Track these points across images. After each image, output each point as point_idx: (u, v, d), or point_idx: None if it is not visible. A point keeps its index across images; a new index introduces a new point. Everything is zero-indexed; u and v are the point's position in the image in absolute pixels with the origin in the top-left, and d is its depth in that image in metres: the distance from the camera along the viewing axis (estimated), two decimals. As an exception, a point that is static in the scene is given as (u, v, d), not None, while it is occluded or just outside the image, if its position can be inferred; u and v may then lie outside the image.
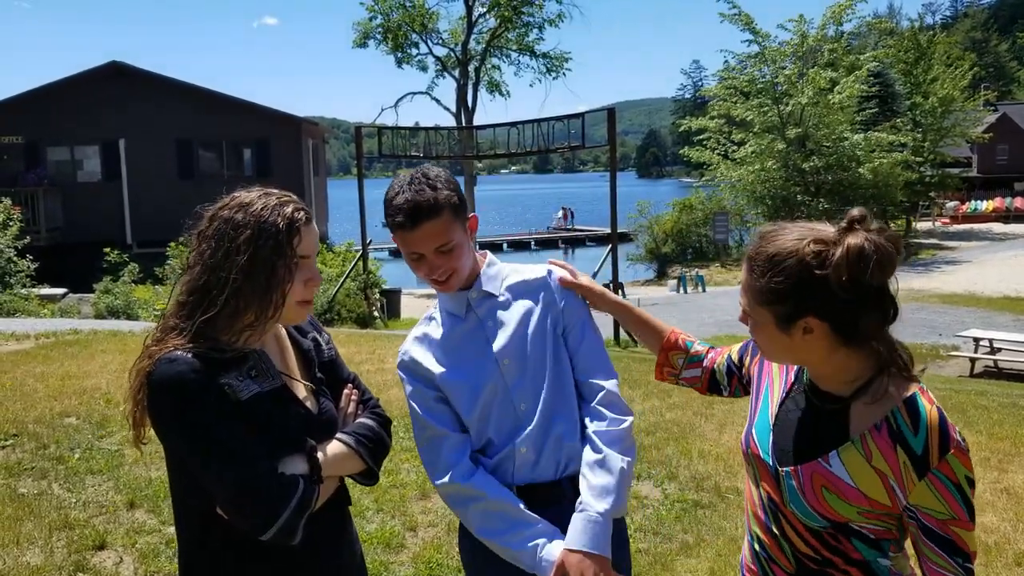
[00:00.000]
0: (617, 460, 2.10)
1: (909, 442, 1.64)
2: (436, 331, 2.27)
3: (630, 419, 2.19)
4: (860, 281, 1.62)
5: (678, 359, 2.32)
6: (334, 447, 1.94)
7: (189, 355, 1.75)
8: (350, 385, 2.12)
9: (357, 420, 2.05)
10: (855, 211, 1.69)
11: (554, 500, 2.13)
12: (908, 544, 1.76)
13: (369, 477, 2.04)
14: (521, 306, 2.25)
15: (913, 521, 1.66)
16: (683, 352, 2.32)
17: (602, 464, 2.09)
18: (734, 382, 2.21)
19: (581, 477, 2.11)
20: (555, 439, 2.15)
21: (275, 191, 1.92)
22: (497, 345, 2.19)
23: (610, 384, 2.21)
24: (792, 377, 1.90)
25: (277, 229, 1.81)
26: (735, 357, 2.20)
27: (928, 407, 1.65)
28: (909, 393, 1.68)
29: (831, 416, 1.76)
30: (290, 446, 1.85)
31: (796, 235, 1.71)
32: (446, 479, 2.14)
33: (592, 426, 2.16)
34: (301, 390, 1.97)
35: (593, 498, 2.05)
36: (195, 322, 1.79)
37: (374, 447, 2.02)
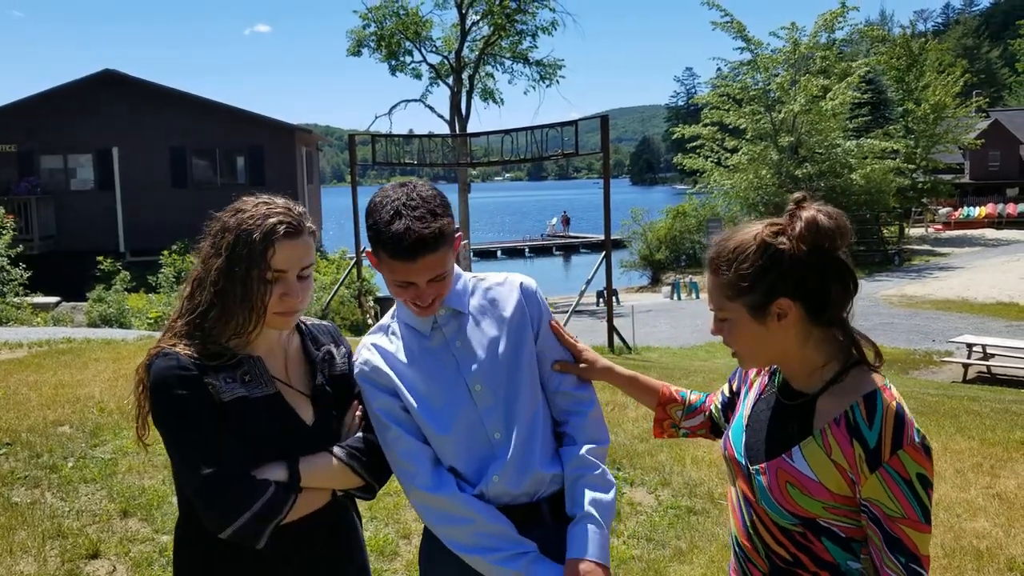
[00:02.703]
0: (612, 479, 2.11)
1: (864, 435, 1.66)
2: (393, 344, 2.13)
3: (608, 441, 2.19)
4: (821, 249, 1.69)
5: (676, 411, 2.29)
6: (323, 459, 1.94)
7: (181, 352, 1.82)
8: (356, 400, 2.10)
9: (357, 434, 2.03)
10: (797, 194, 1.77)
11: (532, 522, 2.06)
12: None
13: (367, 491, 2.03)
14: (490, 324, 2.11)
15: (866, 514, 1.68)
16: (680, 404, 2.30)
17: (603, 479, 2.08)
18: (730, 415, 2.19)
19: (581, 488, 2.06)
20: (532, 469, 2.06)
21: (279, 201, 1.93)
22: (468, 370, 2.06)
23: (591, 396, 2.17)
24: (766, 380, 1.94)
25: (252, 239, 1.83)
26: (726, 391, 2.20)
27: (887, 402, 1.67)
28: (870, 388, 1.70)
29: (797, 412, 1.79)
30: (274, 454, 1.87)
31: (750, 228, 1.78)
32: (432, 492, 2.03)
33: (587, 444, 2.11)
34: (298, 400, 1.97)
35: (597, 510, 2.03)
36: (189, 320, 1.87)
37: (370, 461, 2.00)
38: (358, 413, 2.08)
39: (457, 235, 2.05)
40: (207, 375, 1.82)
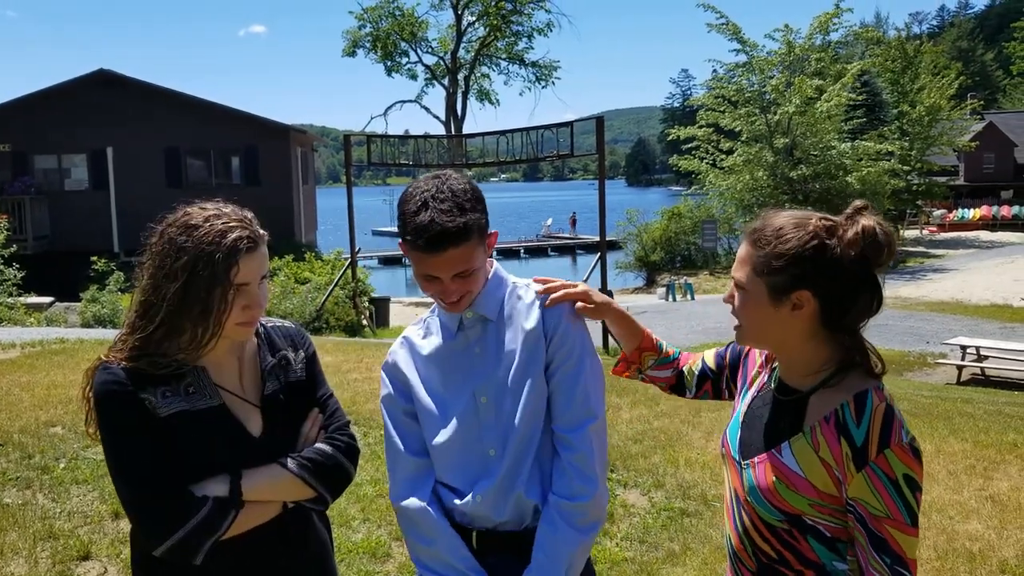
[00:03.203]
0: (573, 537, 1.97)
1: (852, 433, 1.67)
2: (426, 341, 2.12)
3: (594, 494, 2.00)
4: (866, 259, 1.69)
5: (649, 359, 2.28)
6: (272, 471, 1.90)
7: (120, 367, 1.80)
8: (315, 408, 2.06)
9: (314, 445, 1.99)
10: (859, 202, 1.77)
11: (516, 549, 2.01)
12: None
13: (319, 503, 2.00)
14: (512, 336, 2.04)
15: (852, 514, 1.68)
16: (655, 353, 2.28)
17: (558, 540, 1.96)
18: (705, 386, 2.21)
19: (539, 538, 1.98)
20: (517, 497, 2.00)
21: (227, 210, 1.88)
22: (478, 378, 2.03)
23: (585, 445, 2.00)
24: (765, 378, 1.94)
25: (214, 260, 1.78)
26: (711, 363, 2.21)
27: (876, 402, 1.68)
28: (862, 388, 1.71)
29: (791, 408, 1.80)
30: (216, 467, 1.84)
31: (801, 214, 1.78)
32: (400, 502, 2.06)
33: (558, 495, 1.99)
34: (246, 411, 1.93)
35: (539, 571, 1.96)
36: (133, 338, 1.84)
37: (323, 472, 1.96)
38: (317, 422, 2.04)
39: (492, 233, 2.02)
40: (145, 390, 1.80)
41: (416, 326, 2.18)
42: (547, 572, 1.95)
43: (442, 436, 2.03)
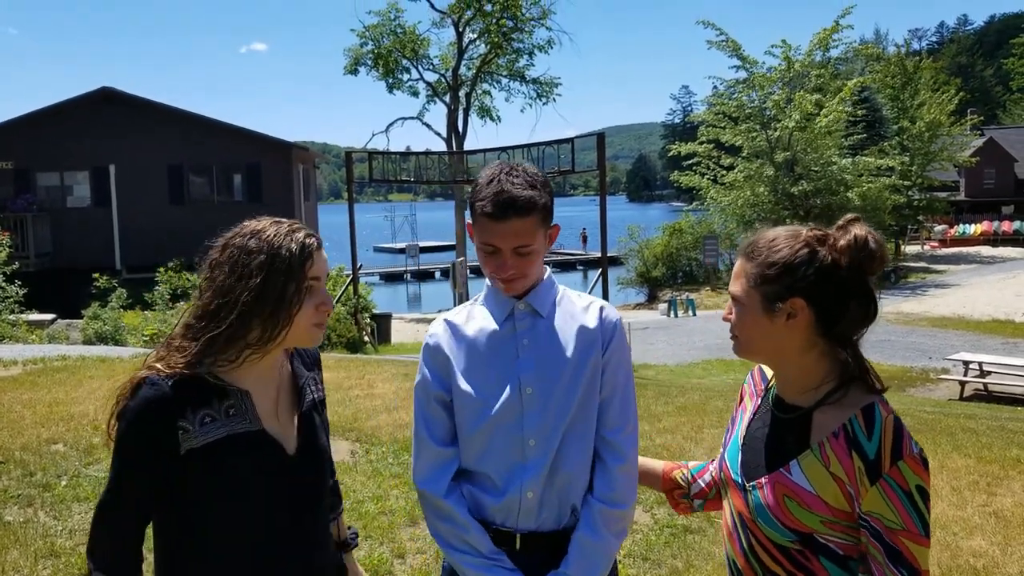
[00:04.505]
0: (612, 544, 2.04)
1: (864, 447, 1.67)
2: (469, 324, 2.14)
3: (633, 502, 2.08)
4: (858, 266, 1.71)
5: (682, 496, 2.23)
6: None
7: (170, 383, 1.76)
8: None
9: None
10: (850, 215, 1.79)
11: (553, 548, 2.04)
12: None
13: None
14: (563, 334, 2.08)
15: (865, 528, 1.67)
16: (682, 488, 2.22)
17: (599, 545, 2.02)
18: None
19: (575, 544, 2.02)
20: (560, 488, 2.03)
21: (285, 220, 1.93)
22: (524, 368, 2.05)
23: (630, 452, 2.08)
24: (759, 401, 1.94)
25: (290, 252, 1.82)
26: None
27: (884, 415, 1.69)
28: (868, 402, 1.72)
29: (794, 426, 1.79)
30: (256, 490, 1.84)
31: (794, 227, 1.82)
32: (421, 487, 2.11)
33: (601, 502, 2.04)
34: (283, 430, 1.93)
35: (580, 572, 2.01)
36: (200, 341, 1.80)
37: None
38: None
39: (555, 225, 2.10)
40: (184, 415, 1.77)
41: (459, 310, 2.21)
42: (586, 570, 2.00)
43: (481, 421, 2.05)
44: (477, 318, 2.14)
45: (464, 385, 2.07)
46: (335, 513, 2.21)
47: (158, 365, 1.79)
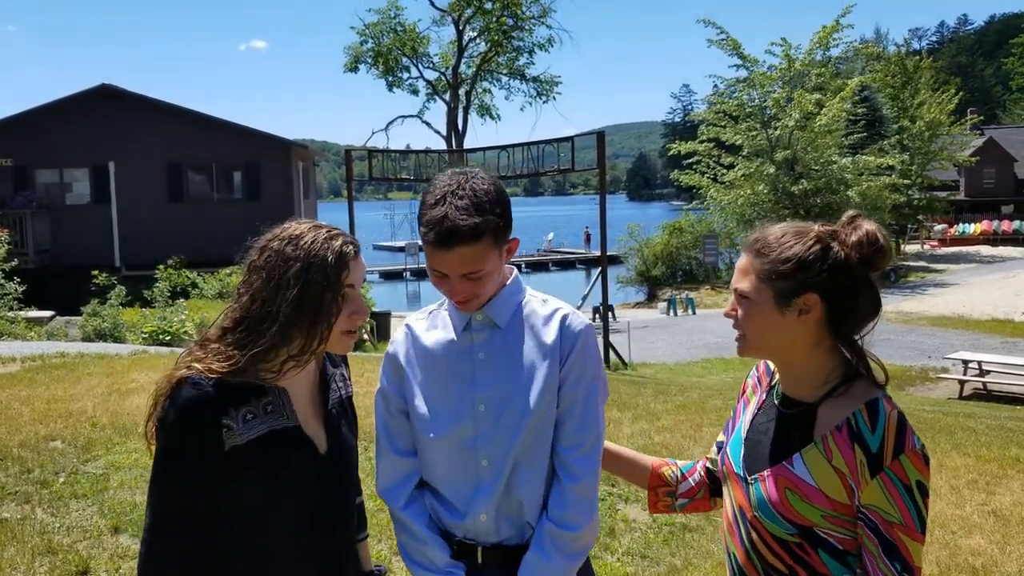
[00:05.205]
0: (563, 566, 1.95)
1: (866, 440, 1.67)
2: (430, 334, 2.07)
3: (587, 525, 1.98)
4: (869, 262, 1.72)
5: (665, 494, 2.22)
6: None
7: (211, 383, 1.74)
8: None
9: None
10: (853, 211, 1.80)
11: (517, 562, 1.98)
12: None
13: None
14: (521, 348, 1.98)
15: (862, 521, 1.68)
16: (669, 486, 2.21)
17: (548, 563, 1.94)
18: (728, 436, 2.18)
19: (524, 565, 1.96)
20: (515, 510, 1.97)
21: (325, 225, 1.90)
22: (478, 385, 1.97)
23: (585, 472, 1.96)
24: (763, 396, 1.93)
25: (327, 263, 1.79)
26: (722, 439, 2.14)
27: (888, 409, 1.70)
28: (872, 396, 1.73)
29: (798, 421, 1.80)
30: (294, 486, 1.84)
31: (798, 223, 1.82)
32: (382, 494, 2.10)
33: (550, 519, 1.96)
34: (315, 427, 1.93)
35: None
36: (244, 355, 1.77)
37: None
38: None
39: (512, 239, 1.99)
40: (228, 413, 1.76)
41: (422, 316, 2.14)
42: None
43: (432, 438, 2.00)
44: (439, 326, 2.08)
45: (418, 400, 2.02)
46: (360, 535, 2.19)
47: (197, 366, 1.77)
